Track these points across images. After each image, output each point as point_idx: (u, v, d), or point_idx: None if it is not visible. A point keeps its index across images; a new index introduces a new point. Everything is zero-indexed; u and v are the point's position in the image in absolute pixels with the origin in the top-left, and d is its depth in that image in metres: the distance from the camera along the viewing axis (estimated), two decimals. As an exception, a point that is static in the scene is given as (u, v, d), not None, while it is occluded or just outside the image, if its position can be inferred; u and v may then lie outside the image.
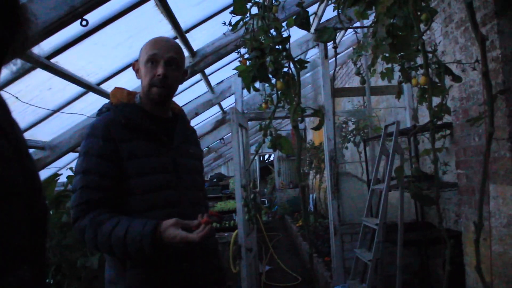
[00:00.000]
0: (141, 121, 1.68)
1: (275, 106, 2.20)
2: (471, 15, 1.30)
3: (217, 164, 16.97)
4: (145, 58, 1.69)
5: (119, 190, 1.60)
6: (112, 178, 1.59)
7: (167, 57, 1.69)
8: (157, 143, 1.71)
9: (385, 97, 6.16)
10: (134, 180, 1.61)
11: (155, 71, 1.68)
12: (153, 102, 1.75)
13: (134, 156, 1.63)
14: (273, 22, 1.97)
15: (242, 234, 4.03)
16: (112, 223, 1.49)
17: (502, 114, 2.47)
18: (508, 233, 2.48)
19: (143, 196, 1.61)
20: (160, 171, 1.67)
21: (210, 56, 4.06)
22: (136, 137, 1.66)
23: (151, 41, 1.74)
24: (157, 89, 1.70)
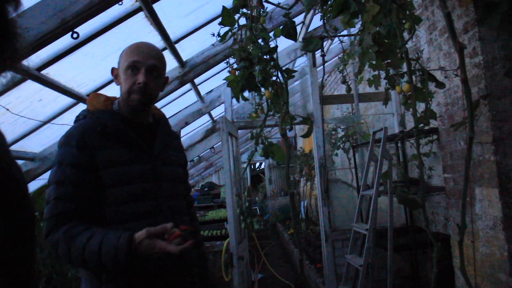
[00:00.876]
0: (118, 127, 1.61)
1: (266, 115, 2.22)
2: (450, 24, 1.35)
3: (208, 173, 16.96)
4: (126, 64, 1.63)
5: (95, 201, 1.53)
6: (87, 188, 1.52)
7: (148, 64, 1.63)
8: (136, 150, 1.64)
9: (374, 103, 6.24)
10: (111, 189, 1.54)
11: (135, 78, 1.62)
12: (132, 109, 1.68)
13: (110, 164, 1.56)
14: (261, 32, 2.01)
15: (233, 242, 4.05)
16: (86, 236, 1.43)
17: (485, 119, 2.53)
18: (495, 234, 2.53)
19: (120, 206, 1.55)
20: (138, 180, 1.60)
21: (199, 66, 4.10)
22: (113, 144, 1.59)
23: (132, 46, 1.68)
24: (137, 97, 1.63)
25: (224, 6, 2.08)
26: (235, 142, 4.98)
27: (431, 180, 4.56)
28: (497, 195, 2.48)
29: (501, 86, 2.49)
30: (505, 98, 2.49)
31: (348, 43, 5.65)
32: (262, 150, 2.25)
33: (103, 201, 1.53)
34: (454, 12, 2.76)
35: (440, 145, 3.27)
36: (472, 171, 2.72)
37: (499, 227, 2.49)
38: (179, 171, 1.87)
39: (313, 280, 5.86)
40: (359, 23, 2.69)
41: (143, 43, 1.71)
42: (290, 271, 7.75)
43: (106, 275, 1.50)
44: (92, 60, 3.16)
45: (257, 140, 2.24)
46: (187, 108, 6.04)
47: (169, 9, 3.13)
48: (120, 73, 1.66)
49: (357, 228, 3.89)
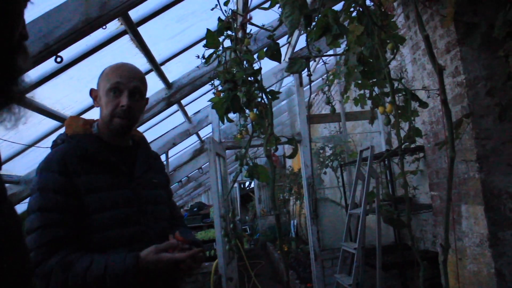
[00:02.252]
0: (99, 152, 1.56)
1: (251, 136, 2.22)
2: (428, 47, 1.37)
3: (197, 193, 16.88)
4: (107, 86, 1.57)
5: (81, 227, 1.47)
6: (73, 214, 1.45)
7: (131, 86, 1.59)
8: (117, 175, 1.59)
9: (361, 122, 6.28)
10: (94, 216, 1.48)
11: (118, 101, 1.57)
12: (114, 133, 1.63)
13: (92, 190, 1.50)
14: (245, 54, 2.02)
15: (222, 263, 4.01)
16: (86, 262, 1.36)
17: (469, 137, 2.56)
18: (481, 252, 2.54)
19: (105, 232, 1.49)
20: (121, 205, 1.55)
21: (186, 88, 4.11)
22: (94, 169, 1.54)
23: (113, 67, 1.62)
24: (120, 120, 1.59)
25: (208, 29, 2.10)
26: (223, 162, 4.98)
27: (419, 197, 4.58)
28: (482, 213, 2.50)
29: (483, 105, 2.53)
30: (487, 116, 2.52)
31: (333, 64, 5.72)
32: (247, 172, 2.24)
33: (87, 227, 1.47)
34: (436, 33, 2.81)
35: (426, 163, 3.30)
36: (458, 188, 2.74)
37: (486, 244, 2.50)
38: (162, 193, 1.81)
39: (303, 300, 5.80)
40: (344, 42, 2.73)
41: (124, 64, 1.67)
42: (280, 291, 7.67)
43: None
44: (78, 83, 3.15)
45: (241, 161, 2.23)
46: (175, 128, 6.03)
47: (154, 32, 3.14)
48: (101, 95, 1.61)
49: (346, 247, 3.87)
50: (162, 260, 1.37)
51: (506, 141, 2.51)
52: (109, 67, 1.63)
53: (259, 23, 2.24)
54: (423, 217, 4.45)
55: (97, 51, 2.85)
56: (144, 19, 2.94)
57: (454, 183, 2.79)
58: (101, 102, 1.61)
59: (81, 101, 3.46)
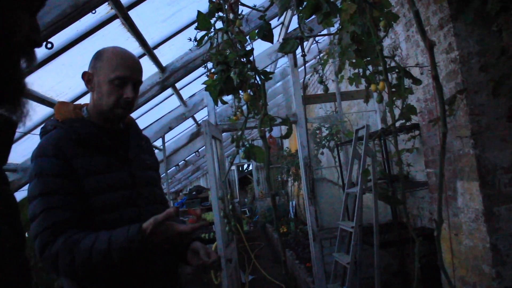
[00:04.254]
0: (93, 135, 1.57)
1: (246, 117, 2.22)
2: (419, 22, 1.37)
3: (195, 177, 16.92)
4: (112, 76, 1.56)
5: (83, 209, 1.47)
6: (75, 195, 1.46)
7: (135, 79, 1.62)
8: (112, 157, 1.61)
9: (357, 101, 6.27)
10: (93, 199, 1.49)
11: (121, 91, 1.58)
12: (111, 120, 1.65)
13: (90, 173, 1.51)
14: (237, 35, 2.01)
15: (221, 245, 4.04)
16: (90, 239, 1.37)
17: (463, 113, 2.57)
18: (477, 227, 2.56)
19: (104, 215, 1.50)
20: (118, 188, 1.56)
21: (179, 71, 4.08)
22: (89, 153, 1.55)
23: (118, 57, 1.61)
24: (122, 111, 1.61)
25: (199, 11, 2.08)
26: (219, 145, 4.98)
27: (415, 175, 4.60)
28: (477, 188, 2.52)
29: (477, 81, 2.53)
30: (481, 92, 2.52)
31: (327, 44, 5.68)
32: (244, 153, 2.24)
33: (88, 210, 1.48)
34: (429, 9, 2.79)
35: (421, 141, 3.31)
36: (453, 165, 2.75)
37: (481, 220, 2.52)
38: (154, 175, 1.84)
39: (302, 279, 5.87)
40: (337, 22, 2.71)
41: (128, 54, 1.66)
42: (280, 272, 7.75)
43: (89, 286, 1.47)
44: (70, 69, 3.13)
45: (237, 143, 2.23)
46: (170, 113, 6.01)
47: (145, 16, 3.11)
48: (101, 82, 1.59)
49: (343, 226, 3.90)
50: (168, 229, 1.38)
51: (500, 117, 2.52)
52: (110, 53, 1.61)
53: (251, 4, 2.22)
54: (420, 195, 4.48)
55: (88, 37, 2.82)
56: (135, 3, 2.90)
57: (449, 160, 2.80)
58: (101, 89, 1.60)
59: (75, 87, 3.44)
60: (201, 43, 2.16)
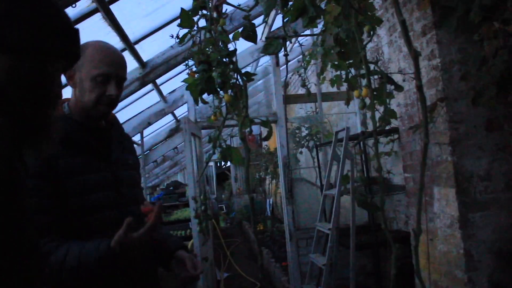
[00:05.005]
0: (75, 134, 1.52)
1: (224, 118, 2.20)
2: (405, 32, 1.36)
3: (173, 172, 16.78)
4: (95, 72, 1.51)
5: (60, 212, 1.42)
6: (52, 198, 1.41)
7: (119, 76, 1.56)
8: (95, 157, 1.56)
9: (337, 102, 6.29)
10: (73, 199, 1.45)
11: (105, 89, 1.52)
12: (94, 118, 1.60)
13: (71, 174, 1.46)
14: (220, 35, 1.98)
15: (197, 243, 4.02)
16: (62, 252, 1.33)
17: (443, 120, 2.59)
18: (452, 233, 2.59)
19: (84, 218, 1.46)
20: (101, 189, 1.52)
21: (160, 67, 4.03)
22: (71, 152, 1.50)
23: (102, 53, 1.55)
24: (105, 108, 1.56)
25: (182, 8, 2.04)
26: (198, 142, 4.94)
27: (393, 178, 4.64)
28: (454, 195, 2.54)
29: (457, 89, 2.55)
30: (461, 100, 2.54)
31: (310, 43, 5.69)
32: (220, 154, 2.21)
33: (67, 212, 1.43)
34: (413, 15, 2.80)
35: (400, 145, 3.33)
36: (430, 171, 2.77)
37: (456, 226, 2.55)
38: (136, 175, 1.79)
39: (278, 278, 5.88)
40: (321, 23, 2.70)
41: (112, 50, 1.61)
42: (256, 269, 7.75)
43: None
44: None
45: (214, 144, 2.20)
46: (150, 108, 5.94)
47: (127, 10, 3.06)
48: (83, 78, 1.53)
49: (320, 228, 3.92)
50: (135, 237, 1.34)
51: (478, 125, 2.55)
52: (94, 49, 1.55)
53: (235, 2, 2.20)
54: (397, 198, 4.52)
55: (67, 29, 2.75)
56: (117, -4, 2.85)
57: (427, 166, 2.82)
58: (83, 85, 1.54)
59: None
60: (183, 41, 2.12)
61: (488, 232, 2.50)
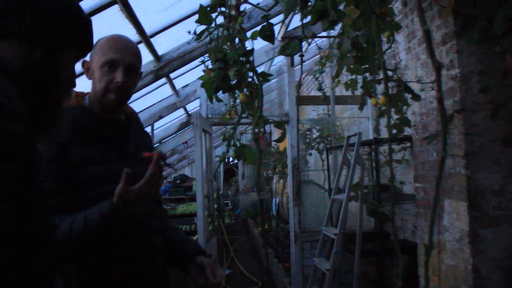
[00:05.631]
0: (92, 125, 1.54)
1: (239, 117, 2.18)
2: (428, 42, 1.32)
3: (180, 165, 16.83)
4: (102, 60, 1.52)
5: (72, 198, 1.44)
6: (66, 183, 1.42)
7: (127, 62, 1.55)
8: (110, 150, 1.56)
9: (350, 106, 6.24)
10: (85, 190, 1.46)
11: (112, 76, 1.53)
12: (106, 108, 1.59)
13: (86, 163, 1.47)
14: (237, 33, 1.95)
15: (202, 240, 4.00)
16: (69, 221, 1.34)
17: (458, 132, 2.54)
18: (460, 247, 2.54)
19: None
20: (114, 181, 1.45)
21: (175, 61, 4.00)
22: (87, 143, 1.51)
23: (109, 41, 1.56)
24: (114, 96, 1.55)
25: (201, 5, 2.02)
26: (209, 138, 4.92)
27: (402, 187, 4.58)
28: (465, 209, 2.49)
29: (475, 100, 2.50)
30: (478, 112, 2.49)
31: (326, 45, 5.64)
32: (234, 152, 2.20)
33: (78, 202, 1.44)
34: (433, 23, 2.75)
35: (412, 154, 3.28)
36: (442, 183, 2.72)
37: (465, 241, 2.50)
38: None
39: (280, 279, 5.85)
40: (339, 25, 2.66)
41: (121, 38, 1.60)
42: (258, 268, 7.73)
43: (76, 282, 1.42)
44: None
45: (229, 142, 2.19)
46: (162, 101, 5.94)
47: (145, 3, 3.04)
48: (95, 68, 1.55)
49: (326, 232, 3.88)
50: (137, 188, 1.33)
51: (494, 139, 2.49)
52: (104, 39, 1.56)
53: (254, 1, 2.17)
54: (405, 207, 4.47)
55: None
56: (135, -11, 2.84)
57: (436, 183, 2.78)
58: (94, 75, 1.55)
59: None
60: (201, 37, 2.10)
61: (498, 249, 2.44)
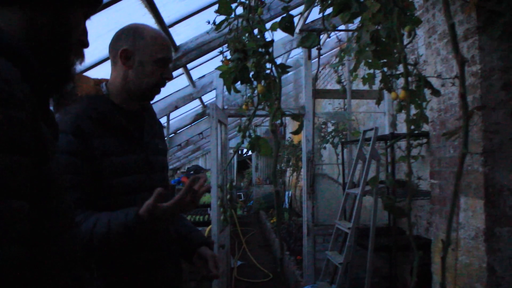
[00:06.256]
0: (112, 115, 1.54)
1: (255, 108, 2.18)
2: (453, 36, 1.31)
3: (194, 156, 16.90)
4: (156, 57, 1.56)
5: (92, 191, 1.44)
6: (87, 177, 1.42)
7: (172, 60, 1.70)
8: (129, 139, 1.58)
9: (366, 101, 6.20)
10: (107, 181, 1.46)
11: (161, 72, 1.59)
12: (139, 99, 1.64)
13: (106, 154, 1.48)
14: (257, 25, 1.95)
15: (215, 230, 4.02)
16: (92, 221, 1.35)
17: (478, 129, 2.51)
18: (475, 245, 2.53)
19: (116, 199, 1.47)
20: (133, 171, 1.54)
21: (193, 52, 4.01)
22: (107, 133, 1.52)
23: (160, 38, 1.60)
24: (159, 91, 1.65)
25: (221, -5, 2.01)
26: (224, 129, 4.93)
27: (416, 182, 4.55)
28: (481, 207, 2.47)
29: (496, 97, 2.47)
30: (498, 110, 2.46)
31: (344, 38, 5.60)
32: (249, 144, 2.20)
33: (98, 192, 1.45)
34: (455, 18, 2.71)
35: (429, 149, 3.25)
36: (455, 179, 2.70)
37: (481, 239, 2.48)
38: (165, 161, 1.82)
39: (291, 271, 5.87)
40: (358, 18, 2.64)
41: (165, 36, 1.67)
42: (269, 260, 7.77)
43: (97, 271, 1.45)
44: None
45: (244, 133, 2.19)
46: (178, 92, 5.95)
47: (164, -8, 3.05)
48: (146, 62, 1.56)
49: (340, 226, 3.88)
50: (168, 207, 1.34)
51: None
52: (152, 33, 1.60)
53: (274, -9, 2.16)
54: (419, 203, 4.44)
55: (104, 9, 2.75)
56: (156, -22, 2.84)
57: (455, 174, 2.76)
58: (144, 68, 1.57)
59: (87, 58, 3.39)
60: (220, 28, 2.10)
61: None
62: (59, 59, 0.90)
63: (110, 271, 1.47)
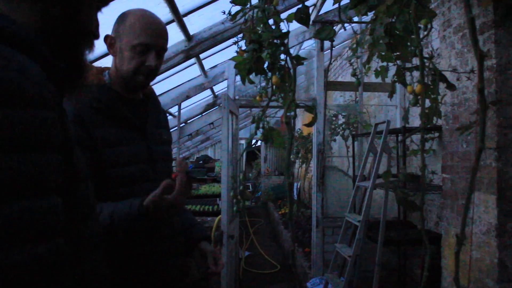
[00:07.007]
0: (114, 105, 1.51)
1: (269, 99, 2.18)
2: (472, 30, 1.30)
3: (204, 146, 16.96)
4: (134, 42, 1.49)
5: (95, 181, 1.38)
6: (89, 166, 1.34)
7: (159, 46, 1.54)
8: (131, 129, 1.55)
9: (377, 94, 6.17)
10: (108, 171, 1.44)
11: (143, 59, 1.51)
12: (131, 88, 1.59)
13: (108, 144, 1.46)
14: (273, 16, 1.94)
15: (225, 220, 4.04)
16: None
17: (492, 124, 2.49)
18: (487, 240, 2.52)
19: (118, 189, 1.45)
20: (135, 161, 1.51)
21: (206, 42, 4.00)
22: (109, 123, 1.49)
23: (141, 20, 1.51)
24: (143, 78, 1.55)
25: (237, -15, 2.01)
26: (235, 119, 4.94)
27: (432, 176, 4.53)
28: (494, 202, 2.46)
29: (511, 92, 2.45)
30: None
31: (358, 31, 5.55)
32: (262, 135, 2.20)
33: (100, 183, 1.42)
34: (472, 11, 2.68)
35: (441, 143, 3.24)
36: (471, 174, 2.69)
37: (493, 234, 2.47)
38: (169, 150, 1.80)
39: (300, 263, 5.89)
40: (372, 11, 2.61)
41: (153, 18, 1.56)
42: (277, 251, 7.80)
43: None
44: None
45: (257, 124, 2.19)
46: (190, 81, 5.96)
47: (179, -20, 3.04)
48: (123, 47, 1.51)
49: (349, 219, 3.88)
50: (164, 200, 1.30)
51: (529, 133, 2.44)
52: (134, 17, 1.52)
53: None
54: (430, 197, 4.43)
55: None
56: (171, -34, 2.83)
57: (467, 168, 2.75)
58: (123, 54, 1.53)
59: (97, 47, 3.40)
60: (235, 18, 2.09)
61: (526, 244, 2.42)
62: (71, 52, 0.90)
63: (113, 262, 1.46)
